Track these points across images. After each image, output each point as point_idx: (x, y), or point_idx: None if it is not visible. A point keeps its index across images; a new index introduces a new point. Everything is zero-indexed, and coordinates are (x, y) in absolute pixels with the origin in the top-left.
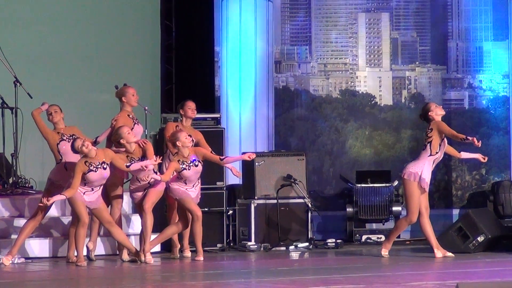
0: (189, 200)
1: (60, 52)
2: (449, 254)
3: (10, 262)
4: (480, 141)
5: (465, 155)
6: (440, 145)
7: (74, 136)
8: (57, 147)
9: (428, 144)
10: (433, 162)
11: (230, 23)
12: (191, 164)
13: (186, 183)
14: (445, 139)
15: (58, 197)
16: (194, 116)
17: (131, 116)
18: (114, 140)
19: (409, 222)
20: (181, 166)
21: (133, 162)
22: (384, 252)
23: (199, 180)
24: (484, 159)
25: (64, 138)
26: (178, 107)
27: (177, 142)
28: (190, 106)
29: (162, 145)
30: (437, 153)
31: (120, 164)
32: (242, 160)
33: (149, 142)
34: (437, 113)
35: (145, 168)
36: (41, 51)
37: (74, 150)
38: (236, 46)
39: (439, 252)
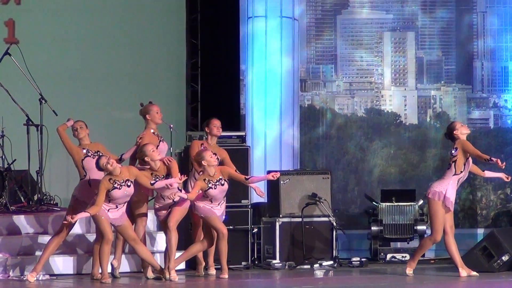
0: (215, 218)
1: (86, 70)
2: (474, 273)
3: (35, 279)
4: (504, 163)
5: (489, 174)
6: (464, 165)
7: (99, 153)
8: (82, 163)
9: (453, 163)
10: (458, 181)
11: (256, 42)
12: (217, 183)
13: (211, 202)
14: (470, 158)
15: (82, 215)
16: (219, 134)
17: (156, 133)
18: (139, 158)
19: (434, 241)
20: (207, 185)
21: (157, 180)
22: (409, 271)
23: (224, 198)
24: (507, 178)
25: (89, 154)
26: (203, 125)
27: (202, 161)
28: (216, 124)
29: (188, 163)
30: (461, 172)
31: (145, 182)
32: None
33: (174, 160)
34: (462, 132)
35: (169, 186)
36: (66, 68)
37: (99, 167)
38: (262, 64)
39: (463, 271)
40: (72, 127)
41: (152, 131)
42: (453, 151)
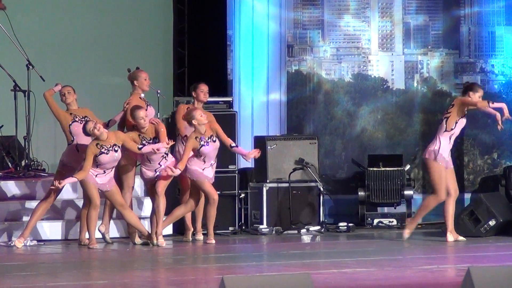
0: (206, 183)
1: (73, 35)
2: (461, 238)
3: (23, 244)
4: (508, 114)
5: (492, 105)
6: (456, 123)
7: (86, 118)
8: (69, 128)
9: (445, 120)
10: (450, 138)
11: (243, 7)
12: (209, 139)
13: (204, 162)
14: (463, 118)
15: (69, 180)
16: (206, 100)
17: (142, 98)
18: (128, 121)
19: (439, 201)
20: (199, 143)
21: (145, 144)
22: (407, 234)
23: (216, 159)
24: (506, 116)
25: (77, 119)
26: (190, 89)
27: (192, 121)
28: (203, 89)
29: (175, 128)
30: (452, 129)
31: (132, 147)
32: (255, 143)
33: (162, 124)
34: (475, 98)
35: (156, 151)
36: (54, 34)
37: (86, 132)
38: (249, 29)
39: (451, 236)
40: (60, 92)
41: (139, 96)
42: (449, 107)
